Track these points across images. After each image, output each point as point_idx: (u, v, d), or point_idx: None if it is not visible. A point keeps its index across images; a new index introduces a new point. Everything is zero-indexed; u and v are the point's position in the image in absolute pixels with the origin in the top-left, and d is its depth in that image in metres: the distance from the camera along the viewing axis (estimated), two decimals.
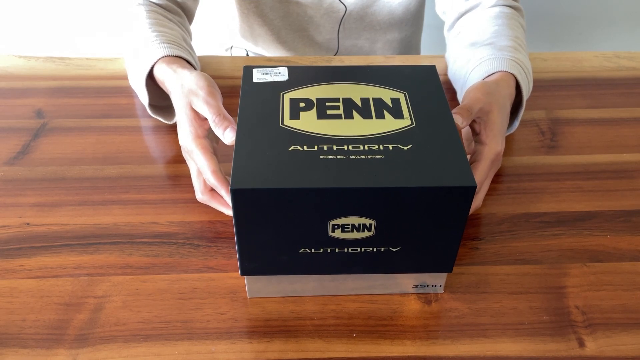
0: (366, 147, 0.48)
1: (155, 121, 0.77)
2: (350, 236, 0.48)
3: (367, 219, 0.47)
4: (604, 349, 0.51)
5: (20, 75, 0.85)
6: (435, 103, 0.54)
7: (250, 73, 0.58)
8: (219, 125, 0.57)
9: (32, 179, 0.68)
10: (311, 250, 0.50)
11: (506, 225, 0.63)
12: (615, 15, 1.56)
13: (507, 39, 0.73)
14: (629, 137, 0.75)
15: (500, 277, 0.58)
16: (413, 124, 0.51)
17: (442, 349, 0.52)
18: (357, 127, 0.51)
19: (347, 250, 0.50)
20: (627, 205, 0.65)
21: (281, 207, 0.46)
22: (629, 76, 0.86)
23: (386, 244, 0.50)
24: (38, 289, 0.56)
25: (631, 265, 0.59)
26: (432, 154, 0.48)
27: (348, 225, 0.47)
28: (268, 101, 0.54)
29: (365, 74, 0.58)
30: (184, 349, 0.51)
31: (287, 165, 0.46)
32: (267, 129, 0.50)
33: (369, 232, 0.48)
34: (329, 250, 0.50)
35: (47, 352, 0.51)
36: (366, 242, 0.49)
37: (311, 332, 0.53)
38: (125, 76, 0.85)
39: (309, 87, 0.56)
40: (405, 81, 0.57)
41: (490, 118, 0.61)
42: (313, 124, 0.51)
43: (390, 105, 0.53)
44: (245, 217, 0.47)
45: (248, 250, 0.50)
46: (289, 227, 0.48)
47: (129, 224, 0.63)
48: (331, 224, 0.47)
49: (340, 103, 0.54)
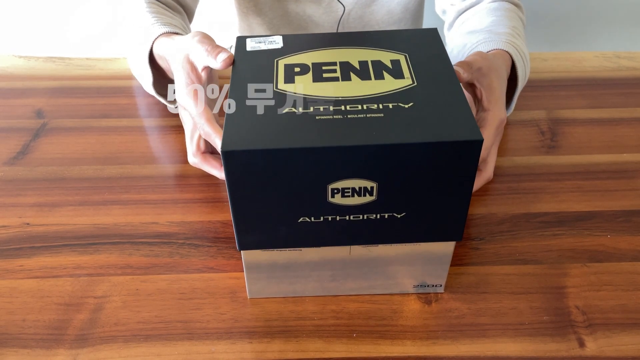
0: (365, 106, 0.45)
1: (156, 121, 0.77)
2: (351, 202, 0.46)
3: (368, 181, 0.44)
4: (604, 349, 0.51)
5: (20, 75, 0.85)
6: (438, 63, 0.51)
7: (243, 42, 0.55)
8: (212, 52, 0.55)
9: (32, 179, 0.68)
10: (311, 219, 0.47)
11: (506, 225, 0.63)
12: (615, 15, 1.55)
13: (504, 27, 0.73)
14: (629, 137, 0.75)
15: (500, 277, 0.58)
16: (414, 84, 0.48)
17: (442, 349, 0.52)
18: (354, 88, 0.48)
19: (348, 218, 0.47)
20: (627, 205, 0.65)
21: (276, 170, 0.43)
22: (629, 76, 0.86)
23: (389, 210, 0.47)
24: (38, 289, 0.56)
25: (631, 265, 0.59)
26: (435, 111, 0.45)
27: (348, 189, 0.45)
28: (261, 67, 0.51)
29: (363, 38, 0.56)
30: (184, 349, 0.51)
31: (281, 126, 0.44)
32: (260, 93, 0.48)
33: (370, 197, 0.45)
34: (330, 219, 0.47)
35: (47, 352, 0.51)
36: (368, 208, 0.46)
37: (311, 332, 0.53)
38: (125, 76, 0.85)
39: (304, 53, 0.53)
40: (405, 44, 0.54)
41: (490, 83, 0.59)
42: (309, 87, 0.48)
43: (390, 67, 0.50)
44: (238, 182, 0.44)
45: (244, 221, 0.47)
46: (285, 193, 0.45)
47: (129, 224, 0.63)
48: (330, 188, 0.45)
49: (337, 67, 0.51)
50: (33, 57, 0.88)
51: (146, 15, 0.71)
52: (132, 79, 0.84)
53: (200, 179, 0.68)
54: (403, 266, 0.53)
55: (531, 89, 0.82)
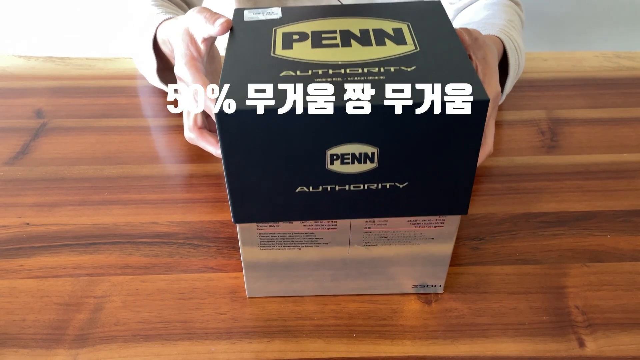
0: (365, 69, 0.44)
1: (156, 121, 0.77)
2: (351, 169, 0.43)
3: (369, 146, 0.42)
4: (604, 349, 0.51)
5: (20, 75, 0.85)
6: (442, 31, 0.49)
7: (241, 14, 0.54)
8: (210, 18, 0.54)
9: (32, 179, 0.68)
10: (309, 189, 0.45)
11: (506, 225, 0.63)
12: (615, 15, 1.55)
13: (500, 20, 0.73)
14: (629, 137, 0.75)
15: (500, 277, 0.57)
16: (417, 49, 0.46)
17: (442, 349, 0.52)
18: (355, 53, 0.46)
19: (348, 187, 0.45)
20: (627, 205, 0.65)
21: (272, 134, 0.41)
22: (629, 76, 0.86)
23: (391, 179, 0.44)
24: (38, 289, 0.56)
25: (631, 265, 0.59)
26: (439, 74, 0.43)
27: (348, 155, 0.43)
28: (259, 35, 0.49)
29: (364, 9, 0.54)
30: (184, 349, 0.51)
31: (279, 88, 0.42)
32: (257, 58, 0.46)
33: (371, 164, 0.43)
34: (329, 189, 0.45)
35: (47, 352, 0.51)
36: (369, 177, 0.44)
37: (311, 332, 0.53)
38: (125, 76, 0.85)
39: (304, 22, 0.52)
40: (408, 14, 0.52)
41: (485, 56, 0.58)
42: (307, 53, 0.46)
43: (392, 34, 0.49)
44: (233, 146, 0.42)
45: (240, 190, 0.45)
46: (282, 159, 0.43)
47: (128, 224, 0.63)
48: (329, 154, 0.43)
49: (337, 34, 0.49)
50: (33, 57, 0.88)
51: (151, 9, 0.71)
52: (132, 78, 0.84)
53: (200, 179, 0.68)
54: (403, 266, 0.53)
55: (531, 89, 0.82)
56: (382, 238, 0.51)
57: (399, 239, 0.51)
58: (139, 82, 0.84)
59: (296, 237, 0.50)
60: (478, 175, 0.68)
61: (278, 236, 0.50)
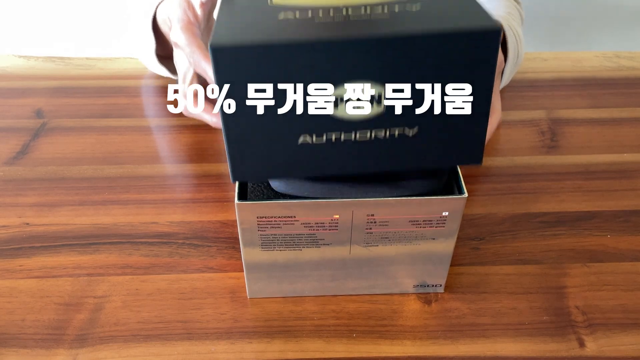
0: (368, 9, 0.42)
1: (156, 121, 0.77)
2: (357, 113, 0.41)
3: (375, 84, 0.40)
4: (604, 349, 0.51)
5: (20, 75, 0.85)
6: None
7: None
8: None
9: (32, 179, 0.68)
10: (312, 138, 0.42)
11: (506, 225, 0.63)
12: (615, 15, 1.55)
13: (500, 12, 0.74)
14: (629, 137, 0.75)
15: (500, 277, 0.58)
16: None
17: (442, 349, 0.52)
18: None
19: (354, 136, 0.42)
20: (627, 205, 0.65)
21: (272, 72, 0.39)
22: (629, 76, 0.86)
23: (400, 124, 0.42)
24: (38, 289, 0.56)
25: (631, 265, 0.59)
26: (446, 10, 0.41)
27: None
28: None
29: None
30: (184, 349, 0.51)
31: (277, 27, 0.40)
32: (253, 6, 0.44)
33: (378, 107, 0.40)
34: (334, 139, 0.42)
35: (47, 352, 0.51)
36: (376, 122, 0.41)
37: (311, 332, 0.53)
38: (126, 76, 0.85)
39: None
40: None
41: None
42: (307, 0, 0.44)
43: None
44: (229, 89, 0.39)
45: (238, 141, 0.42)
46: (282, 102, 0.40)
47: (128, 224, 0.63)
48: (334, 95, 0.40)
49: None
50: (33, 57, 0.88)
51: None
52: (133, 78, 0.84)
53: (200, 179, 0.68)
54: (403, 266, 0.53)
55: (531, 89, 0.82)
56: (383, 238, 0.51)
57: (400, 239, 0.51)
58: (139, 82, 0.84)
59: (297, 238, 0.50)
60: (478, 175, 0.68)
61: (279, 237, 0.50)
